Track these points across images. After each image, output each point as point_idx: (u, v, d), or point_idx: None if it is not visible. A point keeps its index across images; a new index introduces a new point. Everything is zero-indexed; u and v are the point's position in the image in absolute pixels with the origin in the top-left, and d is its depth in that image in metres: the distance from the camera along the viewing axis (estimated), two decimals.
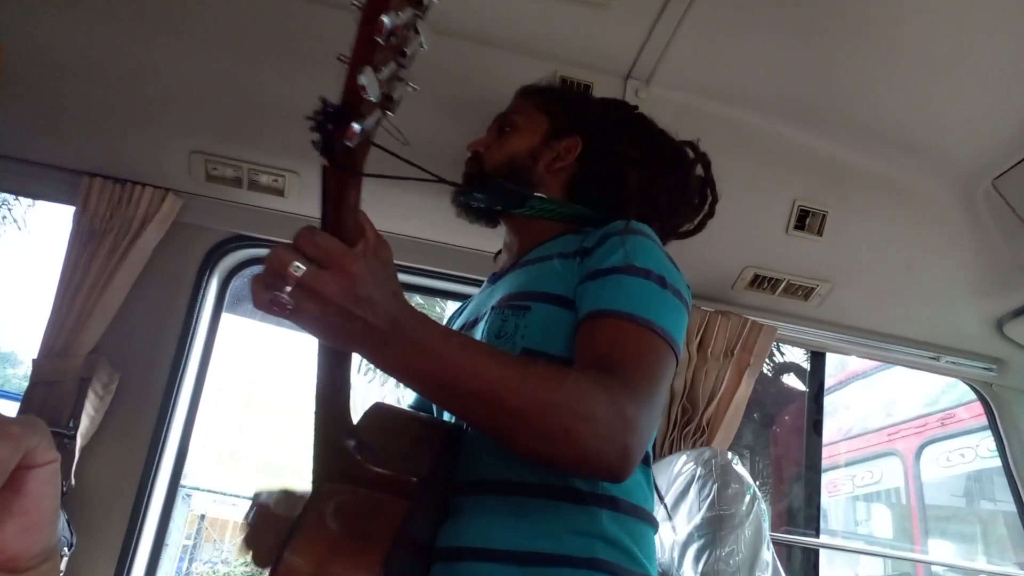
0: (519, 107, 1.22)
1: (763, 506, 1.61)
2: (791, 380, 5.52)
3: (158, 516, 1.71)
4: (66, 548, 1.48)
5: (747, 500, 1.58)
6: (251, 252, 1.88)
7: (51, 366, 1.57)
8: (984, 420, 2.28)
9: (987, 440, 2.42)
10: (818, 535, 2.15)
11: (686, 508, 1.61)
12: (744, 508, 1.57)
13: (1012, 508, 2.18)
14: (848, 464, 5.14)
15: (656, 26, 1.41)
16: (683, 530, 1.58)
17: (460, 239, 1.85)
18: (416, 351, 0.65)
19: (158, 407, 1.69)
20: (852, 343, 2.08)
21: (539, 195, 1.10)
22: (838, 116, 1.60)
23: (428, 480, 0.74)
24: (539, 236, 1.10)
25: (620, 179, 1.11)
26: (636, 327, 0.84)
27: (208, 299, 1.83)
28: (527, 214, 1.11)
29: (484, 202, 1.14)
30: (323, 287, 0.58)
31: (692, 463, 1.67)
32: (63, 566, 1.47)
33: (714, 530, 1.53)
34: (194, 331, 1.77)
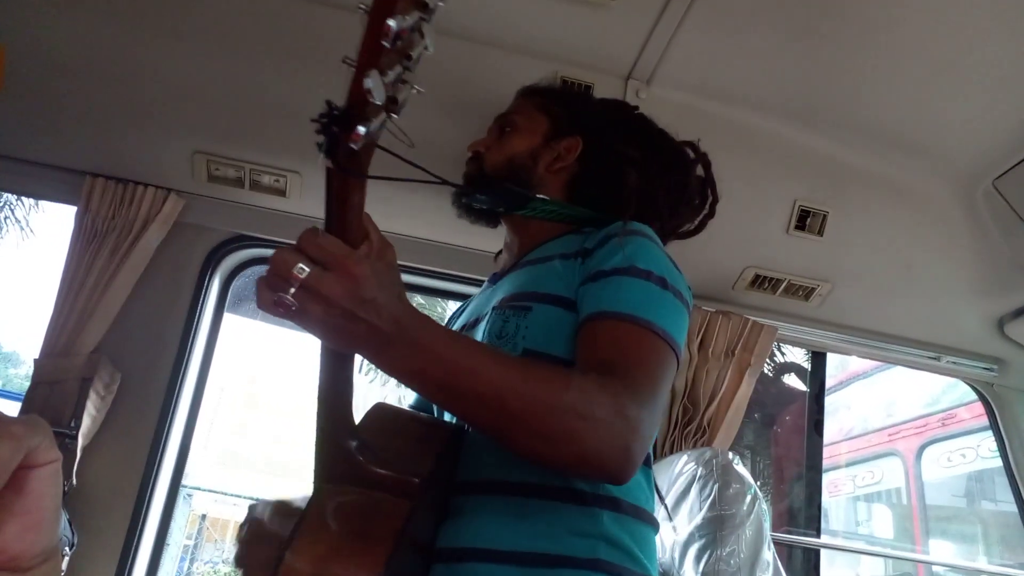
0: (519, 107, 1.22)
1: (764, 506, 1.61)
2: (792, 380, 5.52)
3: (159, 516, 1.71)
4: (67, 548, 1.48)
5: (748, 500, 1.58)
6: (253, 252, 1.88)
7: (53, 366, 1.57)
8: (985, 420, 2.28)
9: (988, 440, 2.41)
10: (819, 535, 2.15)
11: (687, 508, 1.61)
12: (745, 508, 1.57)
13: (1013, 508, 2.18)
14: (849, 464, 5.14)
15: (657, 27, 1.41)
16: (684, 530, 1.58)
17: (461, 239, 1.85)
18: (419, 353, 0.65)
19: (159, 407, 1.69)
20: (853, 343, 2.08)
21: (541, 197, 1.09)
22: (838, 116, 1.60)
23: (429, 480, 0.74)
24: (540, 236, 1.10)
25: (620, 179, 1.11)
26: (638, 329, 0.84)
27: (210, 299, 1.83)
28: (528, 215, 1.11)
29: (486, 204, 1.14)
30: (327, 289, 0.58)
31: (693, 463, 1.67)
32: (64, 565, 1.47)
33: (715, 530, 1.53)
34: (196, 331, 1.77)
